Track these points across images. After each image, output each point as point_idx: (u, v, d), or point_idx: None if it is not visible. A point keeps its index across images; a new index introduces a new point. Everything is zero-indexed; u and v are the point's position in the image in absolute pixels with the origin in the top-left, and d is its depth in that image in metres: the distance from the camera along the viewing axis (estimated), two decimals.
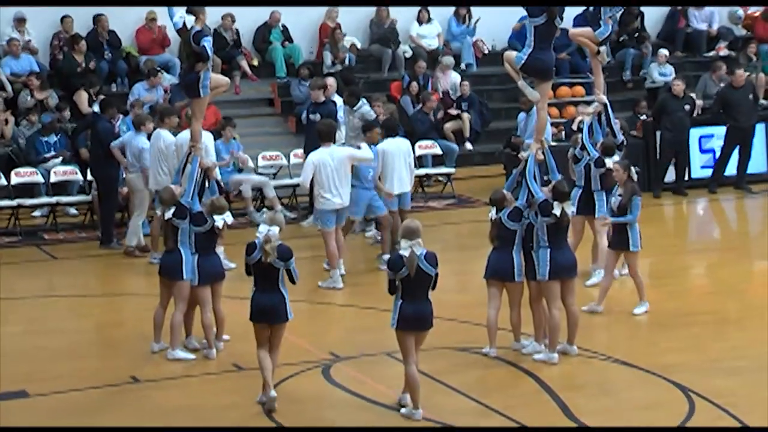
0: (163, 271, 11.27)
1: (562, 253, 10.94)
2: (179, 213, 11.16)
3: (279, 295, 9.91)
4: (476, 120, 20.45)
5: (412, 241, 9.61)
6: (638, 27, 22.49)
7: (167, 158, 14.48)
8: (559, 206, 10.84)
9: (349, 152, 13.92)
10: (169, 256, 11.22)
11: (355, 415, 10.03)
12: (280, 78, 20.78)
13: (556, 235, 10.92)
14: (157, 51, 20.21)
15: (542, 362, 10.94)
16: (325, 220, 13.72)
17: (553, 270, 10.87)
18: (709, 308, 12.69)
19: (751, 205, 18.51)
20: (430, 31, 21.76)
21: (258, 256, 9.83)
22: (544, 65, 11.13)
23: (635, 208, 12.16)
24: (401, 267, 9.59)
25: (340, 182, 13.61)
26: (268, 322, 9.95)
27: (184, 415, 10.01)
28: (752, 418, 9.63)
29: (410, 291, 9.66)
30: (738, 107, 18.61)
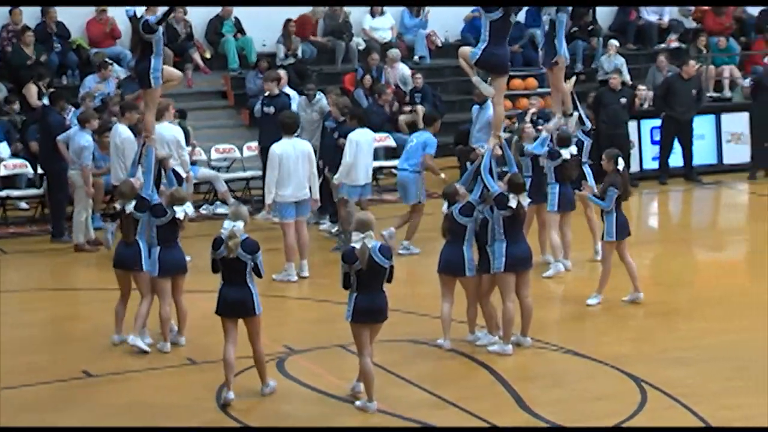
0: (120, 263, 11.22)
1: (518, 246, 10.99)
2: (140, 206, 11.13)
3: (246, 289, 9.88)
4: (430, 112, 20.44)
5: (363, 233, 9.63)
6: (590, 19, 22.62)
7: (124, 153, 14.37)
8: (515, 198, 10.89)
9: (311, 148, 13.89)
10: (126, 248, 11.17)
11: (310, 408, 10.02)
12: (232, 70, 20.69)
13: (512, 228, 10.97)
14: (108, 43, 20.05)
15: (497, 354, 10.99)
16: (284, 211, 13.68)
17: (509, 263, 10.92)
18: (659, 299, 12.80)
19: (701, 196, 18.69)
20: (383, 24, 21.76)
21: (224, 251, 9.81)
22: (500, 60, 11.17)
23: (608, 198, 12.27)
24: (355, 260, 9.60)
25: (302, 174, 13.60)
26: (236, 316, 9.94)
27: (138, 410, 9.96)
28: (703, 407, 9.73)
29: (364, 284, 9.67)
30: (679, 98, 18.76)
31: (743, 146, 19.36)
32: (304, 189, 13.67)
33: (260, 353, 10.10)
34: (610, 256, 12.45)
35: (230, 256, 9.79)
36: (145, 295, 11.22)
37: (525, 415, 9.73)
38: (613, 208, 12.30)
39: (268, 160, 13.77)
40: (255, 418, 9.77)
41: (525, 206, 10.98)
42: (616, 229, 12.31)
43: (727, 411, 9.71)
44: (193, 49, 20.46)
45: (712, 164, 19.53)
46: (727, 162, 19.58)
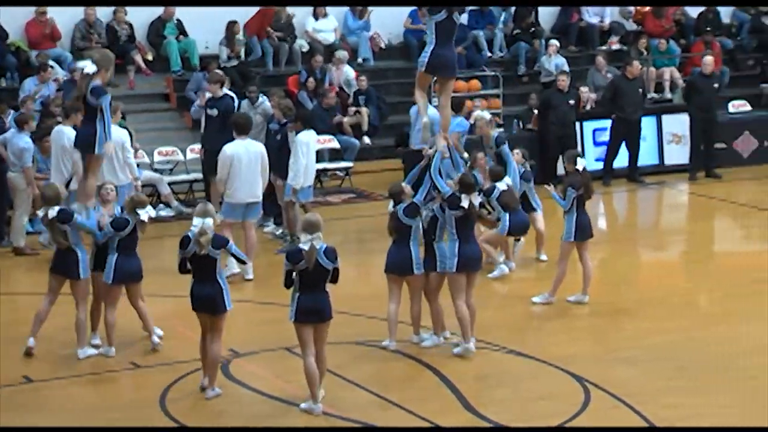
0: (58, 270, 11.08)
1: (470, 246, 11.01)
2: (63, 216, 10.90)
3: (217, 285, 10.02)
4: (374, 114, 20.48)
5: (312, 235, 9.64)
6: (533, 21, 22.75)
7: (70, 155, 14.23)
8: (466, 198, 10.90)
9: (263, 149, 13.83)
10: (63, 255, 11.00)
11: (255, 411, 9.98)
12: (175, 72, 20.56)
13: (464, 228, 10.98)
14: (48, 45, 19.82)
15: (460, 355, 10.95)
16: (231, 212, 13.59)
17: (462, 263, 10.93)
18: (603, 299, 12.89)
19: (644, 196, 18.86)
20: (327, 26, 21.72)
21: (194, 249, 9.89)
22: (447, 61, 11.17)
23: (567, 198, 12.34)
24: (300, 260, 9.62)
25: (253, 176, 13.52)
26: (208, 313, 10.08)
27: (80, 415, 9.87)
28: (648, 407, 9.81)
29: (308, 284, 9.69)
30: (627, 98, 18.92)
31: (684, 147, 19.57)
32: (256, 191, 13.60)
33: (217, 354, 10.11)
34: (567, 257, 12.50)
35: (201, 253, 9.89)
36: (80, 303, 11.03)
37: (469, 416, 9.75)
38: (573, 209, 12.36)
39: (220, 160, 13.68)
40: (198, 422, 9.70)
41: (476, 206, 11.00)
42: (575, 230, 12.36)
43: (669, 410, 9.80)
44: (134, 51, 20.30)
45: (654, 165, 19.71)
46: (669, 163, 19.77)
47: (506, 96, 21.41)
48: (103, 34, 20.19)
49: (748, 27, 23.82)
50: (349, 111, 20.33)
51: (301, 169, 14.39)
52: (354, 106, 20.41)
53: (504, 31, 22.61)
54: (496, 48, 22.54)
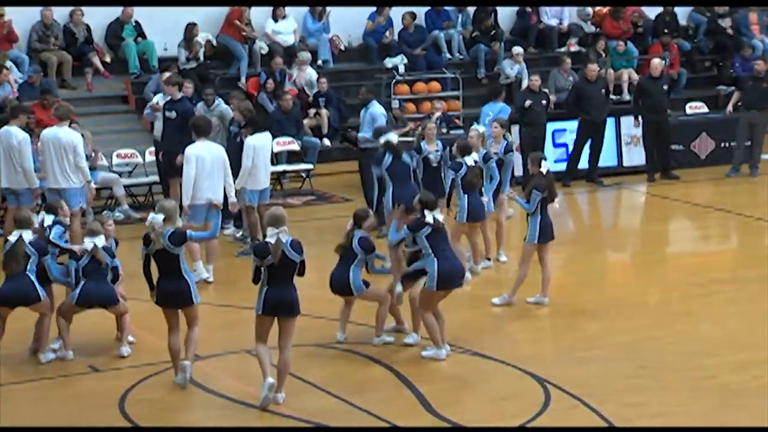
0: (10, 300, 10.76)
1: (448, 261, 10.88)
2: (37, 247, 10.75)
3: (183, 280, 10.13)
4: (334, 116, 20.46)
5: (278, 228, 9.71)
6: (492, 23, 22.82)
7: (20, 154, 14.12)
8: (429, 214, 10.85)
9: (224, 153, 13.79)
10: (15, 281, 10.68)
11: (215, 413, 9.94)
12: (133, 74, 20.43)
13: (437, 243, 10.85)
14: (5, 47, 19.65)
15: (430, 359, 10.94)
16: (194, 214, 13.53)
17: (441, 279, 10.81)
18: (562, 300, 12.93)
19: (603, 197, 18.96)
20: (286, 28, 21.67)
21: (155, 246, 10.05)
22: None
23: (532, 201, 12.33)
24: (267, 254, 9.67)
25: (215, 178, 13.48)
26: (175, 307, 10.21)
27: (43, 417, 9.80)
28: (607, 407, 9.86)
29: (275, 277, 9.75)
30: (591, 101, 19.03)
31: (641, 149, 19.69)
32: (218, 193, 13.54)
33: (194, 342, 10.30)
34: (530, 258, 12.52)
35: (157, 248, 10.03)
36: (45, 314, 10.94)
37: (431, 418, 9.76)
38: (537, 211, 12.38)
39: (185, 161, 13.60)
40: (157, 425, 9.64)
41: (441, 220, 10.95)
42: (539, 232, 12.39)
43: (629, 409, 9.84)
44: (92, 53, 20.17)
45: (613, 166, 19.83)
46: (627, 164, 19.89)
47: (466, 98, 21.47)
48: (60, 36, 20.05)
49: (705, 29, 24.04)
50: (309, 113, 20.30)
51: (245, 171, 14.31)
52: (314, 108, 20.38)
53: (462, 34, 22.67)
54: (455, 50, 22.60)
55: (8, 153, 14.26)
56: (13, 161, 14.23)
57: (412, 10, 22.38)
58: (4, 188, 14.32)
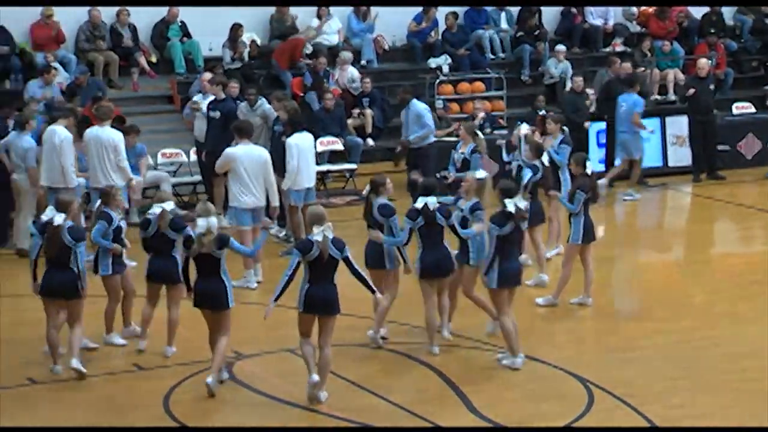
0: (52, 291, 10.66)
1: (510, 262, 10.72)
2: (74, 232, 10.64)
3: (221, 283, 10.16)
4: (378, 116, 20.50)
5: (322, 226, 9.78)
6: (536, 23, 22.76)
7: (62, 153, 14.28)
8: (510, 203, 10.70)
9: (267, 155, 13.82)
10: (61, 273, 10.56)
11: (259, 412, 10.00)
12: (179, 74, 20.58)
13: (506, 244, 10.71)
14: (53, 47, 19.85)
15: (508, 367, 10.83)
16: (241, 218, 13.59)
17: (502, 279, 10.65)
18: (606, 300, 12.90)
19: (648, 198, 18.85)
20: (330, 27, 21.73)
21: (197, 249, 10.10)
22: None
23: (576, 201, 12.31)
24: (310, 249, 9.72)
25: (257, 181, 13.51)
26: (210, 308, 10.22)
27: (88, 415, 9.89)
28: (649, 408, 9.83)
29: (317, 275, 9.78)
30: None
31: (687, 149, 19.56)
32: (260, 197, 13.58)
33: (223, 347, 10.23)
34: (573, 259, 12.49)
35: (203, 252, 10.06)
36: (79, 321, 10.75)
37: (473, 417, 9.76)
38: (581, 212, 12.36)
39: (220, 159, 13.60)
40: (202, 423, 9.72)
41: (524, 207, 10.78)
42: (582, 233, 12.36)
43: (672, 410, 9.81)
44: (138, 53, 20.33)
45: (658, 167, 19.71)
46: (672, 164, 19.76)
47: (509, 98, 21.43)
48: (107, 36, 20.23)
49: (750, 28, 23.84)
50: (353, 113, 20.34)
51: (291, 172, 14.33)
52: (358, 107, 20.43)
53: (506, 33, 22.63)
54: (499, 50, 22.57)
55: (52, 151, 14.42)
56: (54, 160, 14.39)
57: (455, 10, 22.38)
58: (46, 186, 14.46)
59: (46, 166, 14.45)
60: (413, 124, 16.11)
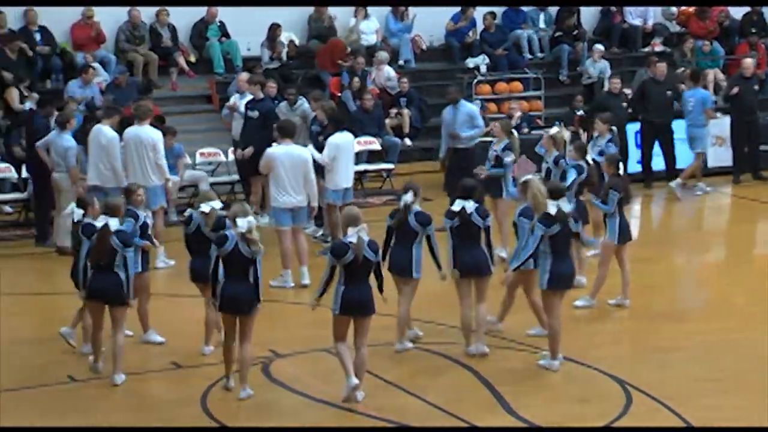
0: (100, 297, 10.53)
1: (564, 263, 10.63)
2: (123, 237, 10.52)
3: (250, 286, 9.93)
4: (416, 116, 20.50)
5: (357, 227, 9.73)
6: (575, 23, 22.68)
7: (109, 153, 14.38)
8: (553, 205, 10.58)
9: (308, 155, 13.80)
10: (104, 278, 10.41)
11: (295, 411, 10.02)
12: (217, 74, 20.68)
13: (559, 244, 10.59)
14: (93, 47, 20.01)
15: (544, 368, 10.79)
16: (280, 218, 13.62)
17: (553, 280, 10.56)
18: (644, 301, 12.83)
19: (687, 199, 18.72)
20: (369, 27, 21.76)
21: (230, 248, 9.82)
22: None
23: (610, 201, 12.26)
24: (345, 253, 9.68)
25: (297, 182, 13.53)
26: (236, 313, 9.99)
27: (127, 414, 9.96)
28: (687, 409, 9.76)
29: (352, 277, 9.75)
30: (654, 101, 18.77)
31: (727, 149, 19.42)
32: (301, 196, 13.61)
33: (248, 356, 10.06)
34: (609, 260, 12.43)
35: (249, 252, 9.83)
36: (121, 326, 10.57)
37: (510, 418, 9.74)
38: (616, 212, 12.31)
39: (262, 159, 13.66)
40: (239, 422, 9.76)
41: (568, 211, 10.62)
42: (618, 233, 12.31)
43: (710, 412, 9.75)
44: (177, 53, 20.44)
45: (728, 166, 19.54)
46: (712, 165, 19.62)
47: (547, 98, 21.36)
48: (146, 36, 20.35)
49: None
50: (391, 113, 20.35)
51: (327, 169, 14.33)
52: (395, 107, 20.44)
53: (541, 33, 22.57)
54: (537, 49, 22.52)
55: (99, 151, 14.53)
56: (102, 159, 14.49)
57: (493, 10, 22.35)
58: (92, 185, 14.57)
59: (94, 165, 14.55)
60: (463, 124, 15.95)
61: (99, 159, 14.51)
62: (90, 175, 14.61)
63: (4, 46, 19.07)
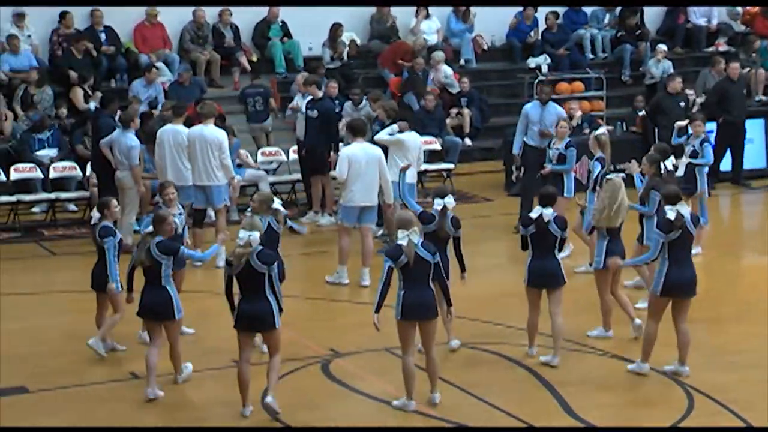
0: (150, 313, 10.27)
1: (682, 270, 10.31)
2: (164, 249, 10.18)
3: (266, 302, 9.54)
4: (476, 116, 20.46)
5: (408, 230, 9.65)
6: (638, 23, 22.51)
7: (185, 151, 14.57)
8: (672, 210, 10.36)
9: (381, 153, 13.76)
10: (153, 293, 10.18)
11: (354, 410, 10.05)
12: (279, 74, 20.79)
13: (677, 249, 10.31)
14: (159, 46, 20.21)
15: (634, 372, 10.65)
16: (347, 215, 13.63)
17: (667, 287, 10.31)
18: (705, 304, 12.66)
19: (749, 200, 18.52)
20: (430, 27, 21.75)
21: (238, 265, 9.44)
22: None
23: (651, 202, 12.15)
24: (399, 255, 9.62)
25: (370, 180, 13.50)
26: (254, 331, 9.69)
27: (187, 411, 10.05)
28: (752, 414, 9.66)
29: (411, 280, 9.66)
30: (733, 101, 18.60)
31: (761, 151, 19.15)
32: (372, 194, 13.59)
33: (275, 367, 9.74)
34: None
35: (241, 265, 9.38)
36: (175, 345, 10.39)
37: (571, 420, 9.69)
38: (655, 212, 12.19)
39: (339, 159, 13.66)
40: (299, 421, 9.80)
41: (687, 214, 10.35)
42: None
43: None
44: (239, 52, 20.58)
45: (761, 168, 19.33)
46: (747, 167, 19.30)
47: (609, 98, 21.22)
48: (209, 37, 20.51)
49: None
50: (451, 113, 20.33)
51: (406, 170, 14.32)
52: (456, 107, 20.41)
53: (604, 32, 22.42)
54: (599, 49, 22.38)
55: (178, 150, 14.67)
56: (180, 159, 14.64)
57: (556, 10, 22.25)
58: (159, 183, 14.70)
59: (171, 165, 14.67)
60: (554, 121, 15.78)
61: (178, 159, 14.65)
62: (169, 174, 14.66)
63: (71, 46, 19.34)
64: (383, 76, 20.92)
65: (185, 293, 11.28)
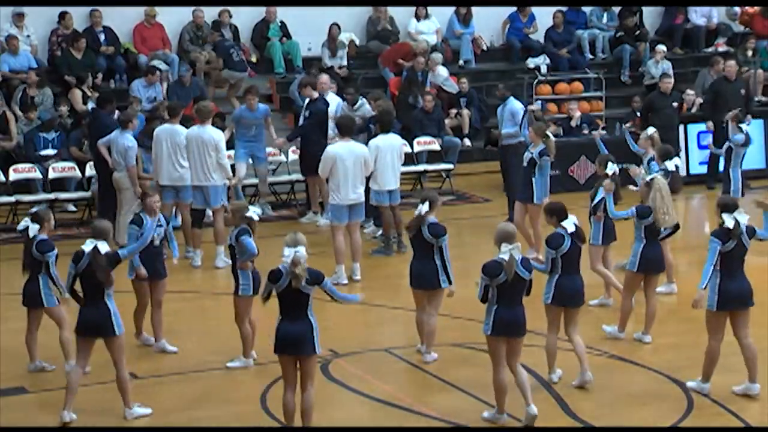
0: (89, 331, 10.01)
1: (735, 282, 9.91)
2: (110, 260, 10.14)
3: (307, 323, 9.07)
4: (475, 116, 20.47)
5: (511, 245, 9.32)
6: (636, 23, 22.51)
7: (182, 151, 14.56)
8: (730, 218, 9.98)
9: (366, 152, 13.81)
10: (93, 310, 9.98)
11: (354, 411, 10.05)
12: (278, 74, 20.79)
13: (730, 261, 9.95)
14: (159, 46, 20.19)
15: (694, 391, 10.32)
16: (337, 214, 13.68)
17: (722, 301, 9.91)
18: None
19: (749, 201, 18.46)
20: (429, 27, 21.74)
21: (286, 282, 9.02)
22: None
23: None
24: (499, 273, 9.29)
25: (356, 178, 13.57)
26: (295, 354, 9.10)
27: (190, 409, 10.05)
28: (750, 414, 9.67)
29: (506, 296, 9.32)
30: (728, 101, 18.57)
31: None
32: (358, 192, 13.65)
33: (311, 402, 9.22)
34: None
35: (296, 286, 8.97)
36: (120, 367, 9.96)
37: (569, 420, 9.70)
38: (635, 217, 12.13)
39: (322, 160, 13.72)
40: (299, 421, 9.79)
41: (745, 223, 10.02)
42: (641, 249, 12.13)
43: None
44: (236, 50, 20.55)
45: (761, 169, 19.33)
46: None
47: (608, 98, 21.24)
48: (209, 37, 20.49)
49: None
50: (450, 113, 20.33)
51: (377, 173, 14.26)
52: (455, 108, 20.41)
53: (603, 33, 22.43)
54: (599, 50, 22.38)
55: (173, 150, 14.66)
56: (177, 158, 14.64)
57: (561, 9, 22.25)
58: (164, 185, 14.72)
59: (166, 164, 14.66)
60: (507, 120, 15.93)
61: (171, 158, 14.65)
62: (163, 174, 14.67)
63: (70, 46, 19.34)
64: (383, 76, 20.91)
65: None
